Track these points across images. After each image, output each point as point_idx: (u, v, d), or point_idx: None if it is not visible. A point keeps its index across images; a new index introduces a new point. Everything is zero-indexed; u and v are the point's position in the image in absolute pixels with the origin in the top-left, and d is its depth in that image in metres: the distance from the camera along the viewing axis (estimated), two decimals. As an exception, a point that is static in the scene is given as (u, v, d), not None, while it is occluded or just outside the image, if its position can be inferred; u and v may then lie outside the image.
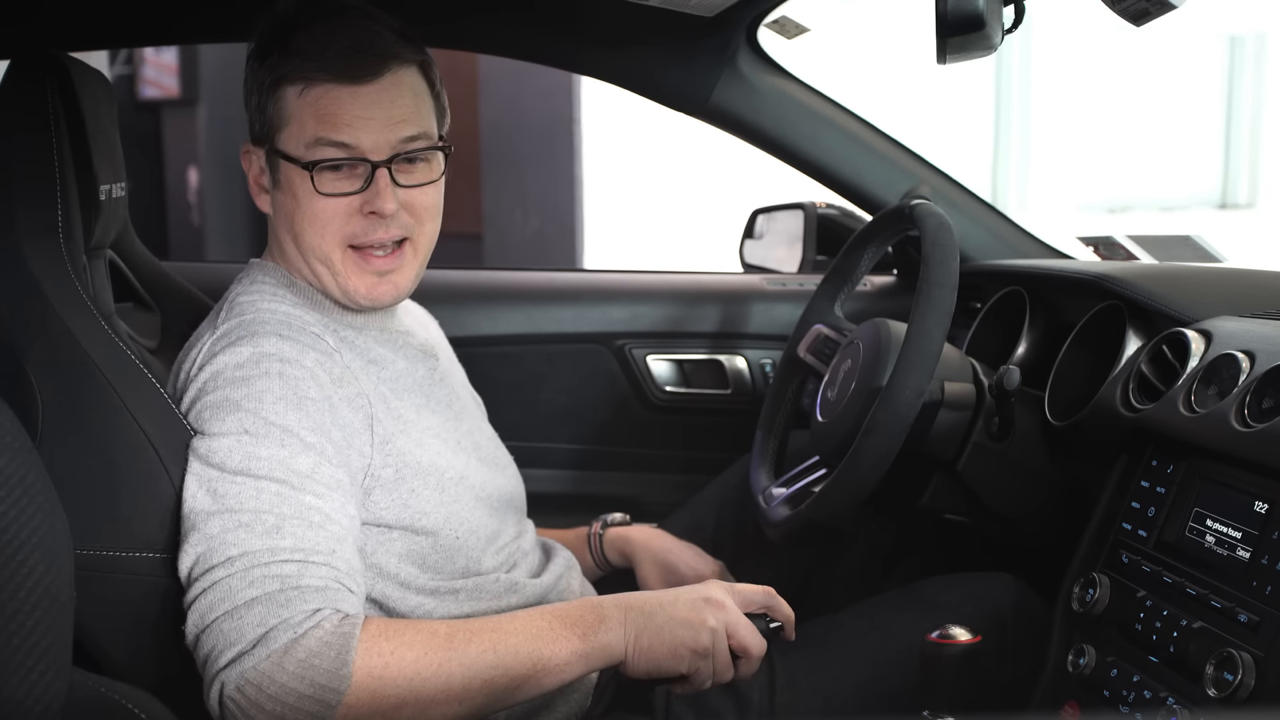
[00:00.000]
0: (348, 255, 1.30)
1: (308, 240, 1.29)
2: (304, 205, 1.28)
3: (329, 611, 1.09)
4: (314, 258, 1.30)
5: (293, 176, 1.28)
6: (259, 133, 1.31)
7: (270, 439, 1.17)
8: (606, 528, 1.66)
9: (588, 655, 1.15)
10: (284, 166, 1.28)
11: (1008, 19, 1.27)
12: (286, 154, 1.27)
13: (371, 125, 1.26)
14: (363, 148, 1.26)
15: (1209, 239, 2.27)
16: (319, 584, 1.11)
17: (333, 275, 1.31)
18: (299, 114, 1.26)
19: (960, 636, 1.20)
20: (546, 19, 1.83)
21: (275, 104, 1.28)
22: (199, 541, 1.13)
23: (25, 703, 0.75)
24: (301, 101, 1.26)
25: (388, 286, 1.32)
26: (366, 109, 1.26)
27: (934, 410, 1.47)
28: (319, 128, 1.25)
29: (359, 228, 1.28)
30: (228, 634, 1.08)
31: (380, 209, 1.27)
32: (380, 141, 1.26)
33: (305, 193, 1.27)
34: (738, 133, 2.00)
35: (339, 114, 1.25)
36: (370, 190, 1.27)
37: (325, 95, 1.25)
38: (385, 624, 1.12)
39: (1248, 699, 1.08)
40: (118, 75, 7.61)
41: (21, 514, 0.75)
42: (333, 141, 1.25)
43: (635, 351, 2.10)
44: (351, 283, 1.31)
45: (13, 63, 1.31)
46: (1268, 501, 1.15)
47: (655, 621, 1.17)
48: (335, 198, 1.27)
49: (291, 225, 1.30)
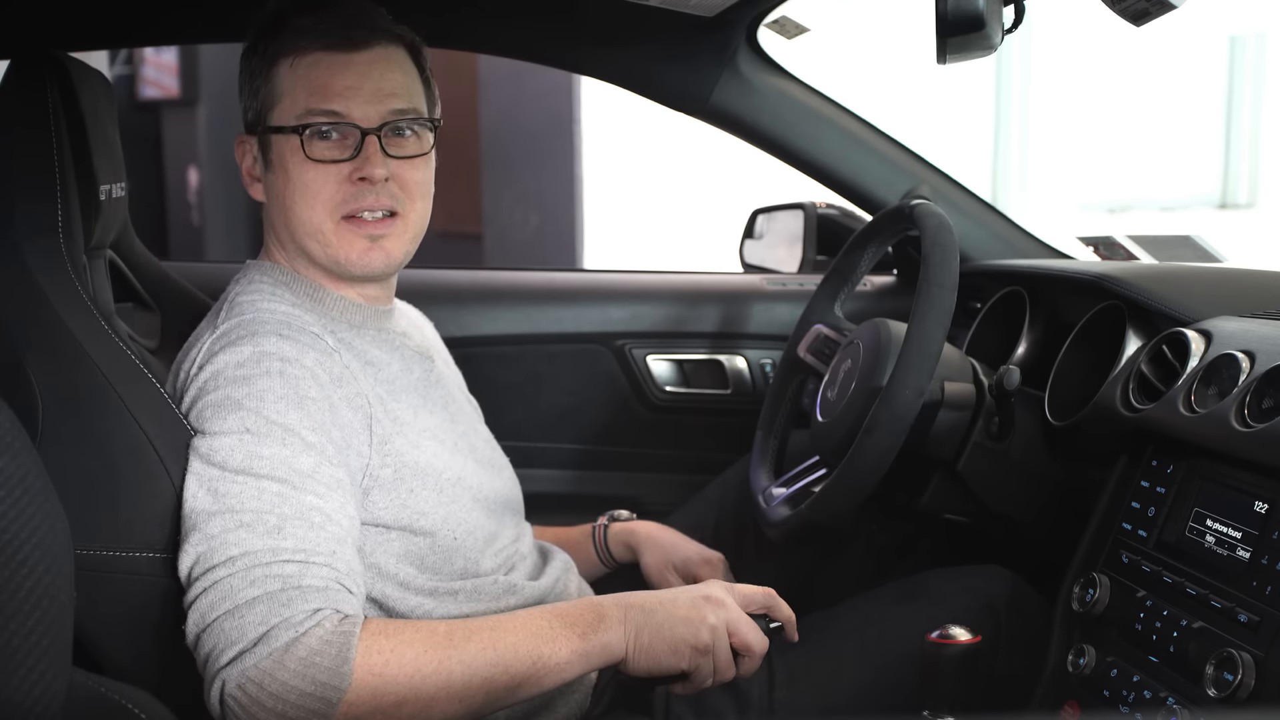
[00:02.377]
0: (340, 225, 1.31)
1: (298, 213, 1.30)
2: (294, 177, 1.29)
3: (330, 611, 1.10)
4: (304, 232, 1.31)
5: (284, 149, 1.30)
6: (251, 120, 1.33)
7: (272, 438, 1.17)
8: (612, 522, 1.66)
9: (587, 654, 1.15)
10: (275, 142, 1.30)
11: (1008, 19, 1.27)
12: (278, 127, 1.29)
13: (361, 95, 1.28)
14: (353, 116, 1.28)
15: (1209, 239, 2.27)
16: (320, 584, 1.11)
17: (323, 247, 1.31)
18: (290, 88, 1.29)
19: (960, 636, 1.20)
20: (546, 19, 1.83)
21: (268, 84, 1.30)
22: (200, 541, 1.13)
23: (25, 703, 0.75)
24: (293, 74, 1.28)
25: (379, 253, 1.32)
26: (357, 79, 1.28)
27: (934, 410, 1.47)
28: (310, 99, 1.28)
29: (347, 194, 1.30)
30: (229, 633, 1.08)
31: (370, 174, 1.29)
32: (370, 112, 1.29)
33: (296, 163, 1.29)
34: (738, 133, 2.00)
35: (329, 83, 1.28)
36: (360, 157, 1.29)
37: (316, 65, 1.28)
38: (385, 623, 1.12)
39: (1248, 699, 1.08)
40: (118, 75, 7.62)
41: (21, 514, 0.75)
42: (323, 110, 1.28)
43: (635, 351, 2.10)
44: (343, 251, 1.31)
45: (13, 62, 1.32)
46: (1268, 501, 1.15)
47: (655, 619, 1.17)
48: (325, 164, 1.28)
49: (283, 202, 1.31)
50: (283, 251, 1.36)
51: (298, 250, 1.34)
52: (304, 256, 1.34)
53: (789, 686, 1.39)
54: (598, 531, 1.65)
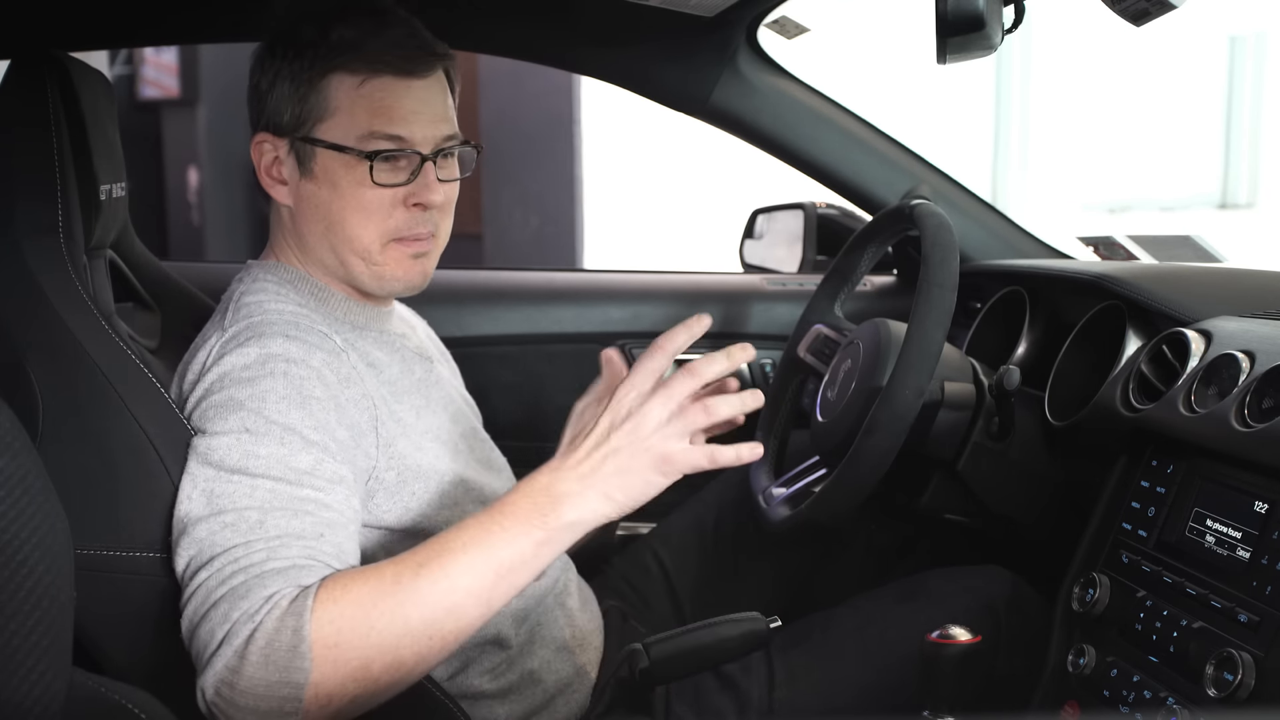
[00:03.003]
0: (389, 247, 1.31)
1: (348, 230, 1.30)
2: (350, 196, 1.28)
3: (289, 589, 1.05)
4: (350, 250, 1.31)
5: (337, 166, 1.28)
6: (289, 123, 1.29)
7: (270, 437, 1.16)
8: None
9: (552, 540, 1.11)
10: (325, 156, 1.28)
11: (1008, 19, 1.27)
12: (334, 144, 1.27)
13: (422, 120, 1.28)
14: (414, 140, 1.28)
15: (1209, 239, 2.27)
16: (283, 565, 1.07)
17: (368, 265, 1.31)
18: (351, 106, 1.27)
19: (960, 636, 1.20)
20: (546, 19, 1.83)
21: (319, 94, 1.27)
22: (189, 545, 1.12)
23: (25, 703, 0.75)
24: (358, 93, 1.27)
25: (419, 271, 1.34)
26: (419, 104, 1.28)
27: (934, 410, 1.47)
28: (374, 121, 1.27)
29: (402, 221, 1.30)
30: (203, 638, 1.06)
31: (428, 200, 1.29)
32: (429, 136, 1.29)
33: (353, 183, 1.28)
34: (738, 133, 2.00)
35: (395, 107, 1.27)
36: (418, 182, 1.29)
37: (384, 88, 1.27)
38: (332, 585, 1.06)
39: (1248, 699, 1.08)
40: (118, 75, 7.62)
41: (21, 514, 0.75)
42: (387, 134, 1.27)
43: (635, 351, 2.10)
44: (389, 269, 1.32)
45: (13, 62, 1.31)
46: (1268, 501, 1.15)
47: (615, 462, 1.12)
48: (385, 188, 1.28)
49: (328, 217, 1.30)
50: (299, 255, 1.34)
51: (327, 260, 1.33)
52: (329, 266, 1.33)
53: (789, 686, 1.39)
54: None
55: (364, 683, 1.04)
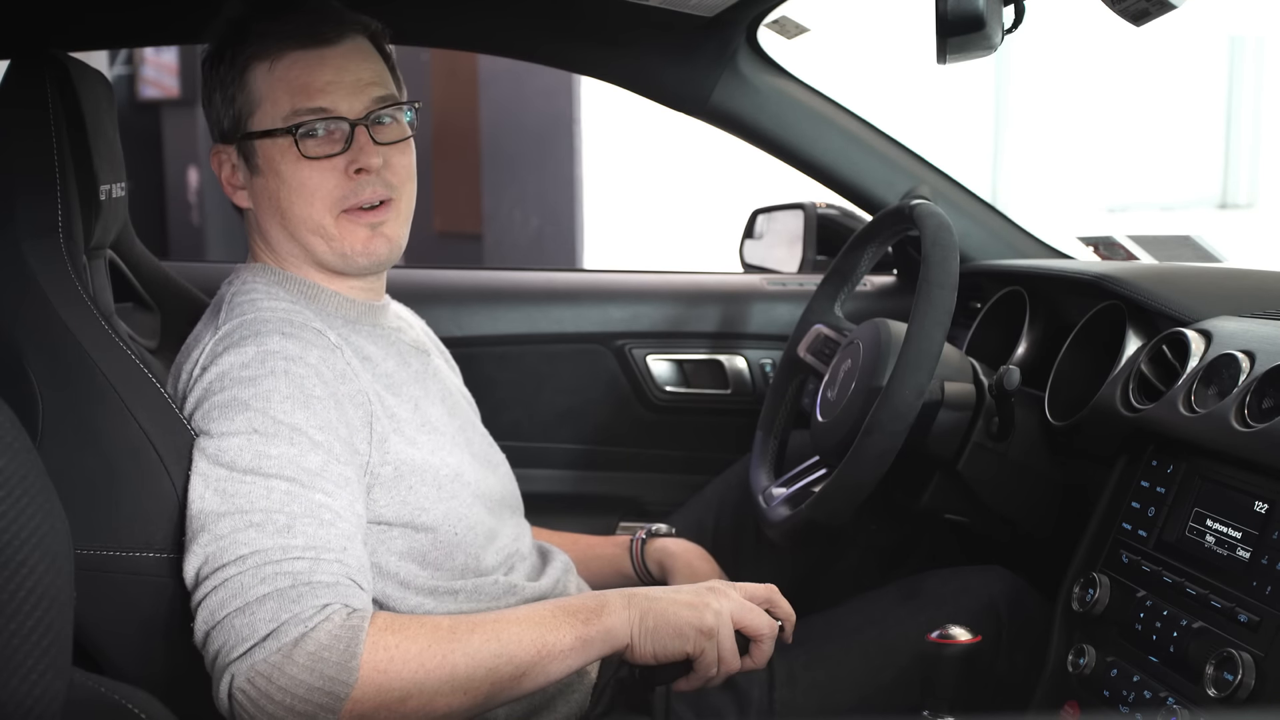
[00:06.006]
0: (340, 219, 1.31)
1: (297, 212, 1.31)
2: (289, 178, 1.30)
3: (338, 606, 1.11)
4: (305, 230, 1.32)
5: (273, 153, 1.30)
6: (229, 129, 1.33)
7: (280, 437, 1.17)
8: (651, 537, 1.62)
9: (590, 640, 1.16)
10: (262, 146, 1.30)
11: (1008, 19, 1.27)
12: (264, 131, 1.29)
13: (343, 87, 1.30)
14: (339, 109, 1.29)
15: (1209, 239, 2.27)
16: (330, 580, 1.12)
17: (327, 242, 1.32)
18: (271, 91, 1.29)
19: (960, 636, 1.20)
20: (546, 19, 1.83)
21: (244, 91, 1.31)
22: (208, 541, 1.14)
23: (25, 703, 0.75)
24: (272, 76, 1.29)
25: (381, 240, 1.33)
26: (336, 73, 1.30)
27: (934, 410, 1.47)
28: (294, 99, 1.28)
29: (347, 189, 1.30)
30: (239, 629, 1.09)
31: (366, 164, 1.29)
32: (354, 103, 1.30)
33: (289, 163, 1.29)
34: (738, 133, 2.00)
35: (311, 81, 1.29)
36: (353, 148, 1.30)
37: (295, 64, 1.29)
38: (391, 619, 1.13)
39: (1248, 699, 1.08)
40: (118, 75, 7.62)
41: (21, 514, 0.75)
42: (310, 108, 1.28)
43: (635, 351, 2.10)
44: (347, 243, 1.32)
45: (13, 63, 1.31)
46: (1268, 501, 1.15)
47: (659, 605, 1.18)
48: (320, 161, 1.29)
49: (277, 205, 1.31)
50: (273, 254, 1.36)
51: (295, 250, 1.34)
52: (300, 256, 1.34)
53: (789, 686, 1.39)
54: (635, 545, 1.63)
55: (396, 714, 1.10)
